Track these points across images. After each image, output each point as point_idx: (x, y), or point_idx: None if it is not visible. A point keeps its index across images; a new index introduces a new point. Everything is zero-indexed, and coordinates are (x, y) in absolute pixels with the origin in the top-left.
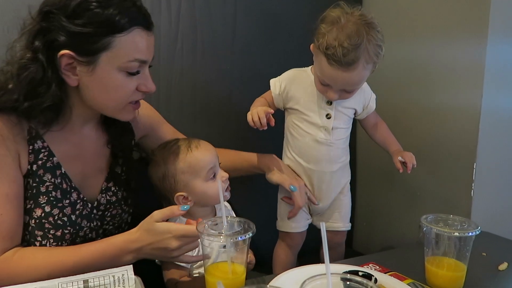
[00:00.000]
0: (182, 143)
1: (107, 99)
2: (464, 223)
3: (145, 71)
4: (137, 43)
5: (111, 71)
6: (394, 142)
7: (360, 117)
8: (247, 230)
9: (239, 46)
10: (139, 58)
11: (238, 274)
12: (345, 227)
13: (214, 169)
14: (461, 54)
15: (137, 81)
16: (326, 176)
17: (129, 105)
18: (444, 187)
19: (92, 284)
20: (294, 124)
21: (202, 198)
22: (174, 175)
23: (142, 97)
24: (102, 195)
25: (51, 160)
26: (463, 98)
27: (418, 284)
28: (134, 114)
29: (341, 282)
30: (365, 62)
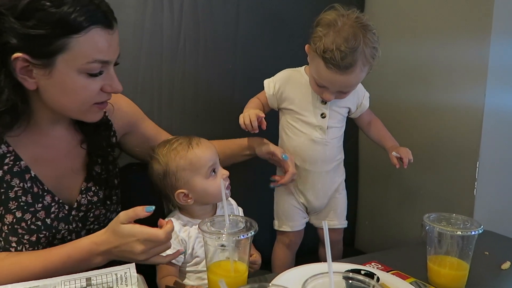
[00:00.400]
0: (182, 140)
1: (69, 102)
2: (467, 222)
3: (109, 70)
4: (96, 43)
5: (70, 73)
6: (389, 138)
7: (353, 115)
8: (250, 228)
9: (241, 45)
10: (99, 59)
11: (241, 272)
12: (342, 225)
13: (214, 166)
14: (464, 53)
15: (101, 81)
16: (321, 175)
17: (94, 106)
18: (447, 186)
19: (95, 282)
20: (289, 124)
21: (203, 195)
22: (175, 172)
23: (108, 98)
24: (82, 196)
25: (18, 164)
26: (466, 97)
27: (420, 283)
28: (100, 115)
29: (343, 281)
30: (362, 64)
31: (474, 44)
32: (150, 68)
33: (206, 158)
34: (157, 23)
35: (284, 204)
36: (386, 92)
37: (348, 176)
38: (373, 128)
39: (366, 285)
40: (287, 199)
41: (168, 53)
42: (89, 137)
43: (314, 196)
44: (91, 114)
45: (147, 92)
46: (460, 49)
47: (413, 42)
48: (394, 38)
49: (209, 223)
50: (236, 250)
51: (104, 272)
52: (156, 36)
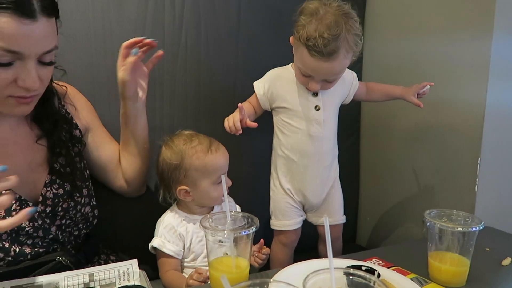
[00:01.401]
0: (203, 141)
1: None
2: (468, 218)
3: (26, 64)
4: (1, 30)
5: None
6: (394, 87)
7: (348, 100)
8: (251, 224)
9: (243, 41)
10: (3, 46)
11: (242, 268)
12: (340, 220)
13: (223, 175)
14: (466, 50)
15: (14, 74)
16: (319, 171)
17: (11, 98)
18: (448, 182)
19: (98, 277)
20: (284, 122)
21: (204, 197)
22: (186, 169)
23: (23, 93)
24: (47, 189)
25: None
26: (468, 93)
27: (421, 279)
28: (22, 109)
29: (344, 277)
30: (345, 51)
31: (476, 41)
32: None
33: (221, 165)
34: (158, 19)
35: (280, 203)
36: None
37: (349, 173)
38: (374, 91)
39: (367, 281)
40: (283, 198)
41: (170, 50)
42: (47, 133)
43: (312, 193)
44: (9, 107)
45: (149, 88)
46: (462, 46)
47: (414, 39)
48: (395, 35)
49: (211, 219)
50: (238, 247)
51: (106, 268)
52: (157, 32)
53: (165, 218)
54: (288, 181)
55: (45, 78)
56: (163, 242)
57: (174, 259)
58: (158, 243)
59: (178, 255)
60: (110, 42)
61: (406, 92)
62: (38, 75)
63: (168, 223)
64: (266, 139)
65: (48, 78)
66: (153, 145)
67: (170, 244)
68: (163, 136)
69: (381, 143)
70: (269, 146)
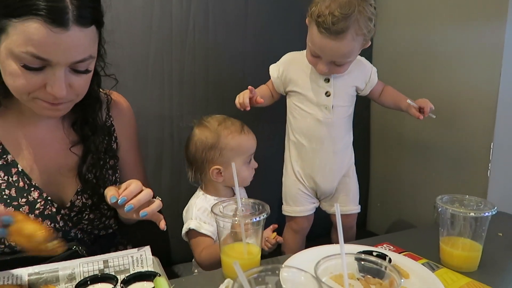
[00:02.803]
0: (236, 123)
1: (11, 86)
2: (480, 204)
3: (56, 71)
4: (30, 35)
5: (8, 55)
6: (404, 98)
7: (364, 93)
8: (262, 211)
9: (251, 28)
10: (32, 52)
11: (254, 254)
12: (355, 210)
13: (252, 156)
14: (480, 35)
15: (43, 79)
16: (329, 156)
17: (38, 100)
18: (461, 167)
19: (112, 264)
20: (295, 106)
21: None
22: (222, 148)
23: (50, 99)
24: (78, 197)
25: (5, 158)
26: (481, 77)
27: (432, 264)
28: (51, 113)
29: (355, 262)
30: (355, 33)
31: (489, 26)
32: (160, 53)
33: (252, 146)
34: (166, 7)
35: (292, 189)
36: (399, 75)
37: (360, 158)
38: (386, 95)
39: (379, 266)
40: (295, 184)
41: (178, 38)
42: (83, 139)
43: (323, 179)
44: (38, 107)
45: (158, 77)
46: (475, 31)
47: (426, 25)
48: (407, 21)
49: (222, 206)
50: (249, 233)
51: (120, 255)
52: (165, 20)
53: (197, 201)
54: (299, 166)
55: (78, 86)
56: (200, 223)
57: (210, 239)
58: (195, 225)
59: (214, 235)
60: (117, 31)
61: (409, 108)
62: (69, 83)
63: (201, 205)
64: (279, 125)
65: (82, 86)
66: (163, 135)
67: (206, 225)
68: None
69: (393, 129)
70: (283, 133)
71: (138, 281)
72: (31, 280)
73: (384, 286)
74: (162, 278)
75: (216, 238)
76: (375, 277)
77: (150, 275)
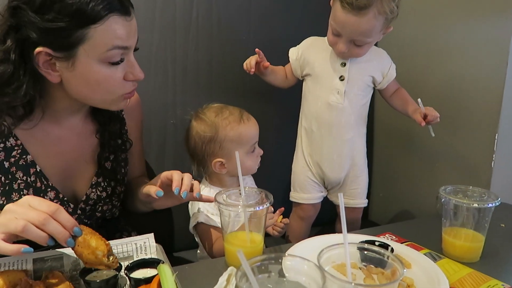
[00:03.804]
0: (234, 112)
1: (93, 92)
2: (484, 195)
3: (130, 57)
4: (115, 31)
5: (92, 63)
6: (413, 103)
7: (380, 86)
8: (265, 200)
9: (255, 16)
10: (118, 44)
11: (257, 243)
12: (362, 204)
13: (255, 144)
14: (487, 26)
15: (123, 70)
16: (337, 144)
17: (121, 96)
18: (464, 157)
19: (116, 250)
20: (309, 89)
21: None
22: (222, 141)
23: (133, 87)
24: (92, 190)
25: (24, 158)
26: (486, 69)
27: (434, 254)
28: (125, 103)
29: (357, 252)
30: (377, 11)
31: (497, 16)
32: (163, 41)
33: (253, 134)
34: None
35: (300, 176)
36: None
37: None
38: (397, 96)
39: (381, 256)
40: (304, 171)
41: (181, 25)
42: (103, 127)
43: (329, 168)
44: (119, 102)
45: (161, 65)
46: (482, 22)
47: (434, 18)
48: (414, 15)
49: (225, 194)
50: (252, 221)
51: (124, 242)
52: (168, 8)
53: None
54: (308, 153)
55: None
56: (208, 216)
57: (220, 229)
58: (204, 218)
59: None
60: None
61: (414, 111)
62: None
63: None
64: (292, 109)
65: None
66: (166, 123)
67: (215, 216)
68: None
69: (395, 118)
70: (291, 119)
71: (141, 268)
72: (36, 266)
73: (386, 276)
74: (165, 265)
75: None
76: (378, 266)
77: (153, 262)
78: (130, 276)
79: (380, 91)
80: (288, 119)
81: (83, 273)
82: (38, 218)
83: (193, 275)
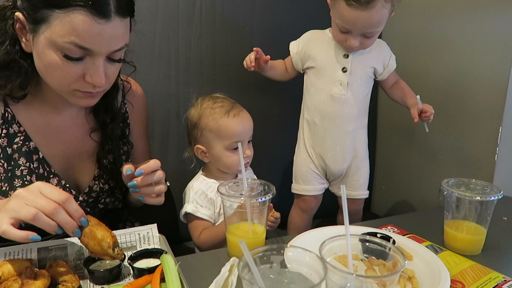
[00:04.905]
0: (225, 104)
1: (48, 76)
2: (487, 188)
3: (95, 61)
4: (75, 26)
5: (49, 46)
6: (413, 95)
7: (381, 77)
8: (267, 191)
9: (258, 7)
10: (75, 41)
11: (259, 234)
12: (363, 195)
13: (239, 142)
14: (491, 21)
15: (83, 69)
16: (340, 136)
17: (77, 91)
18: (467, 150)
19: (119, 240)
20: (311, 82)
21: (218, 161)
22: (202, 128)
23: (89, 89)
24: (95, 182)
25: (27, 144)
26: (491, 63)
27: (436, 247)
28: (88, 102)
29: (359, 243)
30: (384, 0)
31: (502, 9)
32: (166, 31)
33: (234, 132)
34: None
35: (302, 168)
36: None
37: None
38: (398, 87)
39: (383, 248)
40: (305, 163)
41: (184, 16)
42: (102, 125)
43: (332, 159)
44: (74, 98)
45: (164, 56)
46: (487, 15)
47: (438, 11)
48: (418, 8)
49: (228, 186)
50: (254, 213)
51: (127, 232)
52: None
53: (194, 184)
54: (310, 145)
55: (112, 75)
56: (196, 207)
57: (207, 222)
58: (192, 209)
59: (211, 219)
60: None
61: (413, 105)
62: (105, 72)
63: (198, 188)
64: (294, 102)
65: (115, 75)
66: (169, 114)
67: (203, 209)
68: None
69: (399, 110)
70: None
71: (144, 258)
72: (40, 255)
73: (387, 267)
74: (168, 255)
75: (214, 221)
76: (379, 258)
77: (156, 253)
78: (133, 265)
79: (380, 82)
80: (289, 110)
81: (87, 262)
82: (49, 208)
83: (195, 265)
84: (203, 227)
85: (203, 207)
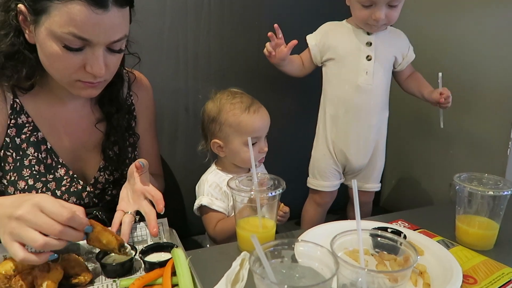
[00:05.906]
0: (244, 100)
1: (50, 67)
2: (499, 182)
3: (95, 51)
4: (73, 16)
5: (49, 37)
6: (428, 85)
7: (400, 67)
8: (278, 186)
9: (268, 1)
10: (74, 32)
11: (269, 228)
12: (376, 188)
13: (257, 138)
14: (506, 8)
15: (83, 59)
16: (364, 130)
17: (79, 82)
18: (480, 144)
19: (130, 234)
20: (333, 73)
21: (234, 156)
22: (221, 123)
23: (90, 79)
24: (100, 174)
25: (36, 135)
26: (503, 57)
27: (447, 242)
28: (89, 92)
29: (369, 238)
30: None
31: None
32: (175, 26)
33: (254, 128)
34: None
35: (321, 164)
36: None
37: None
38: (413, 79)
39: (394, 242)
40: (325, 159)
41: (193, 9)
42: (107, 116)
43: (355, 156)
44: (77, 89)
45: (172, 51)
46: (501, 5)
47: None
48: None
49: (238, 180)
50: (264, 207)
51: (138, 226)
52: None
53: (208, 177)
54: (332, 140)
55: (113, 65)
56: (211, 199)
57: (222, 214)
58: (207, 201)
59: (225, 211)
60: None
61: (431, 92)
62: (105, 62)
63: (213, 181)
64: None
65: (115, 65)
66: (178, 109)
67: (218, 201)
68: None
69: (410, 103)
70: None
71: (156, 252)
72: None
73: (398, 262)
74: (179, 249)
75: (228, 213)
76: (390, 253)
77: (167, 246)
78: (144, 259)
79: (396, 74)
80: (300, 104)
81: (99, 256)
82: (53, 232)
83: (206, 259)
84: (217, 219)
85: (218, 199)
